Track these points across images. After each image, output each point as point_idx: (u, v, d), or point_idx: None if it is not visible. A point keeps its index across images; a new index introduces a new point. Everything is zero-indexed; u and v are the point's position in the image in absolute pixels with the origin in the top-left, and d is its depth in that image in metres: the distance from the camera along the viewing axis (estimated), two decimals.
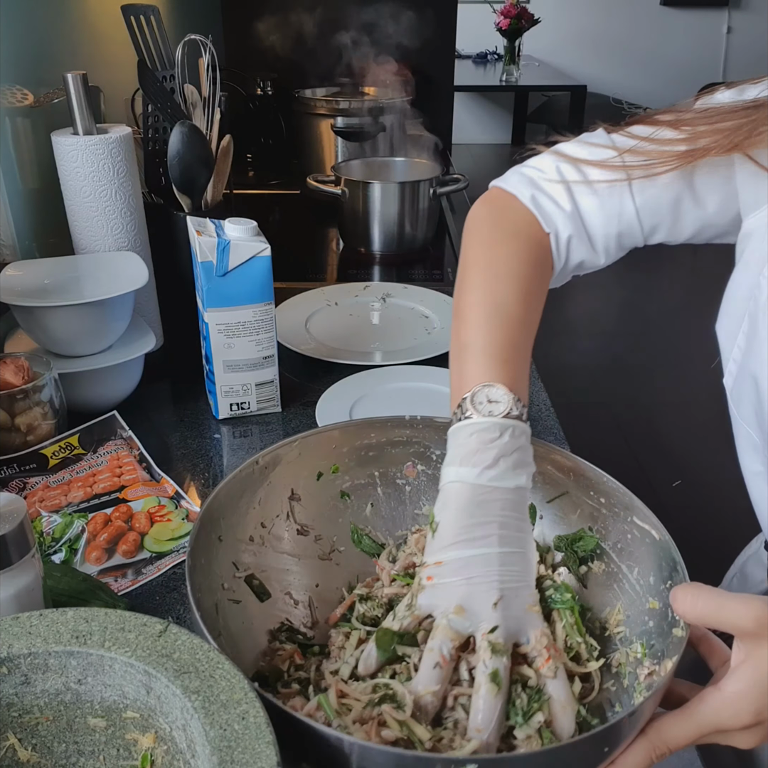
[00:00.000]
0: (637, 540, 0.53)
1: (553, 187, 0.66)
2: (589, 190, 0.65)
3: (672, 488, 2.28)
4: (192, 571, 0.49)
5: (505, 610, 0.47)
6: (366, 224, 1.43)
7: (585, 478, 0.57)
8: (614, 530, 0.55)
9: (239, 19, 2.11)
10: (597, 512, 0.56)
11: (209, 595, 0.51)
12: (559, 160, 0.67)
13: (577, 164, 0.66)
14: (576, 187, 0.66)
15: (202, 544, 0.52)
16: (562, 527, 0.58)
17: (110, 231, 0.92)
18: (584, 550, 0.56)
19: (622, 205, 0.65)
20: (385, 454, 0.64)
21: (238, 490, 0.57)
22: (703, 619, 0.44)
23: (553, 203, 0.66)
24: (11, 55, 0.97)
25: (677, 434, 2.60)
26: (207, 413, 0.91)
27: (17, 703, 0.43)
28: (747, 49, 5.88)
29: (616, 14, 5.88)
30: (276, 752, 0.37)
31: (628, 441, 2.58)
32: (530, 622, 0.48)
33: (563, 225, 0.66)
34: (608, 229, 0.66)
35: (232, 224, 0.81)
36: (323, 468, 0.62)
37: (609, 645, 0.52)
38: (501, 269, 0.62)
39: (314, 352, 1.02)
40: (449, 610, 0.47)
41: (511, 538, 0.49)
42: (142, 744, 0.43)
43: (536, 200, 0.66)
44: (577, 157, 0.66)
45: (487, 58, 5.70)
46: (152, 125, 1.03)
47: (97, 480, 0.75)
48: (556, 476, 0.59)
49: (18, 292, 0.82)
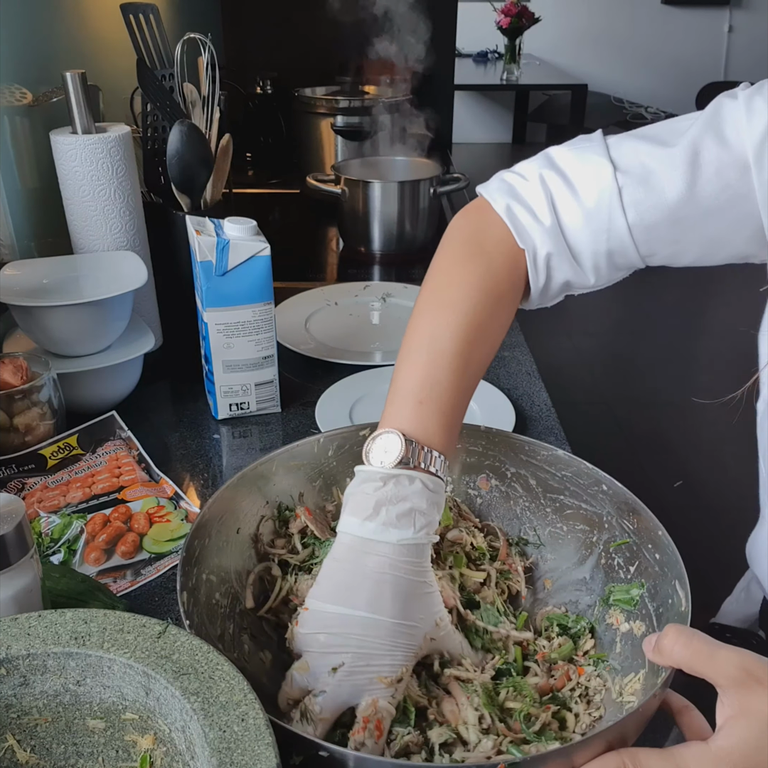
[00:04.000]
0: (674, 607, 0.50)
1: (533, 197, 0.59)
2: (574, 203, 0.58)
3: (673, 488, 2.28)
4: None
5: (343, 677, 0.46)
6: (366, 224, 1.43)
7: (646, 529, 0.55)
8: (661, 592, 0.52)
9: (239, 18, 2.11)
10: (652, 569, 0.54)
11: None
12: (544, 166, 0.60)
13: (563, 172, 0.59)
14: (559, 199, 0.59)
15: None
16: (620, 578, 0.56)
17: (109, 230, 0.91)
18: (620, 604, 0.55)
19: (611, 221, 0.58)
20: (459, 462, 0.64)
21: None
22: (694, 662, 0.42)
23: (531, 216, 0.59)
24: (10, 54, 0.97)
25: (678, 434, 2.59)
26: (206, 413, 0.90)
27: (16, 704, 0.43)
28: (748, 48, 5.87)
29: (617, 13, 5.87)
30: (275, 754, 0.37)
31: (629, 441, 2.57)
32: (372, 691, 0.46)
33: (541, 241, 0.59)
34: (596, 246, 0.59)
35: (232, 223, 0.81)
36: None
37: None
38: (448, 297, 0.57)
39: (314, 352, 1.02)
40: (295, 665, 0.48)
41: (382, 603, 0.47)
42: (141, 745, 0.43)
43: (511, 212, 0.59)
44: (564, 163, 0.60)
45: (488, 56, 5.69)
46: (151, 124, 1.02)
47: (95, 480, 0.75)
48: (621, 522, 0.57)
49: (17, 291, 0.82)
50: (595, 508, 0.59)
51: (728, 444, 2.51)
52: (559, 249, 0.59)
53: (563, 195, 0.58)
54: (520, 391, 0.95)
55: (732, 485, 2.25)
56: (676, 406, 2.75)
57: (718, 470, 2.37)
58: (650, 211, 0.57)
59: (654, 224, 0.58)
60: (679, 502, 2.21)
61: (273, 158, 2.04)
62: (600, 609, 0.56)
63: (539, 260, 0.60)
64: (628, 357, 3.13)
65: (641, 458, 2.47)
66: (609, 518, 0.58)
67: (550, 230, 0.59)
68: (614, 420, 2.69)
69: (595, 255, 0.59)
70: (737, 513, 2.11)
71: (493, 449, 0.63)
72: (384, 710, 0.46)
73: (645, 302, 3.55)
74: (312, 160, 1.83)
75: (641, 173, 0.57)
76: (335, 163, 1.63)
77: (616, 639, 0.54)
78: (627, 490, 0.57)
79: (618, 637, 0.54)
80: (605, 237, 0.58)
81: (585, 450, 0.61)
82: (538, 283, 0.61)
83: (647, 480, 2.33)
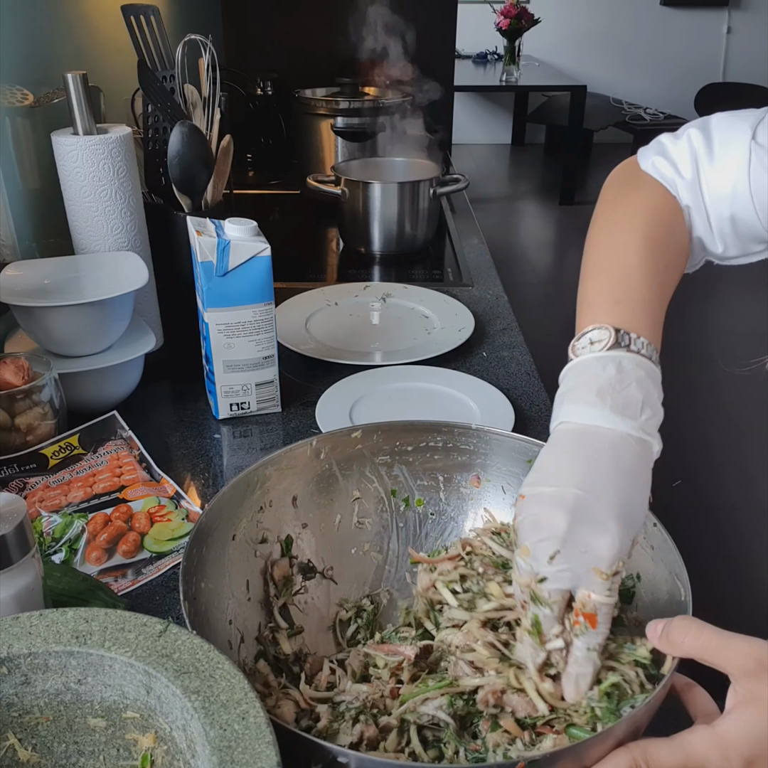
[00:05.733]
0: (672, 597, 0.50)
1: (679, 152, 0.63)
2: (709, 162, 0.61)
3: (672, 488, 2.28)
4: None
5: (560, 564, 0.44)
6: (366, 224, 1.43)
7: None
8: (658, 583, 0.52)
9: (239, 19, 2.11)
10: (646, 561, 0.54)
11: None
12: (696, 126, 0.63)
13: (710, 133, 0.62)
14: (700, 156, 0.62)
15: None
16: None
17: (110, 231, 0.92)
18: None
19: (735, 185, 0.60)
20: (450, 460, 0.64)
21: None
22: (705, 652, 0.43)
23: (673, 169, 0.62)
24: (11, 55, 0.97)
25: (677, 434, 2.60)
26: (207, 413, 0.91)
27: (17, 703, 0.43)
28: (747, 50, 5.87)
29: (616, 14, 5.88)
30: (276, 752, 0.37)
31: None
32: (588, 583, 0.44)
33: (683, 192, 0.62)
34: (721, 210, 0.61)
35: (232, 224, 0.81)
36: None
37: None
38: (629, 209, 0.61)
39: (314, 352, 1.02)
40: (517, 550, 0.46)
41: (595, 484, 0.44)
42: (142, 744, 0.43)
43: (656, 166, 0.63)
44: (714, 125, 0.62)
45: (487, 58, 5.69)
46: (152, 125, 1.03)
47: (97, 480, 0.75)
48: None
49: (18, 292, 0.82)
50: None
51: (728, 443, 2.51)
52: (696, 203, 0.62)
53: (703, 154, 0.61)
54: (519, 391, 0.95)
55: (732, 485, 2.25)
56: (676, 405, 2.76)
57: (717, 470, 2.37)
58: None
59: None
60: (679, 502, 2.22)
61: (273, 159, 2.04)
62: None
63: (683, 209, 0.62)
64: None
65: None
66: None
67: (690, 184, 0.61)
68: None
69: (719, 219, 0.61)
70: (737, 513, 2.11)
71: (484, 447, 0.63)
72: (598, 603, 0.44)
73: None
74: (312, 161, 1.83)
75: None
76: (335, 164, 1.63)
77: None
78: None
79: None
80: (729, 201, 0.60)
81: None
82: (686, 229, 0.63)
83: None
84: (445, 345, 1.03)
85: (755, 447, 2.44)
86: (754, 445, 2.45)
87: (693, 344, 3.13)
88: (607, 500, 0.44)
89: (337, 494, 0.63)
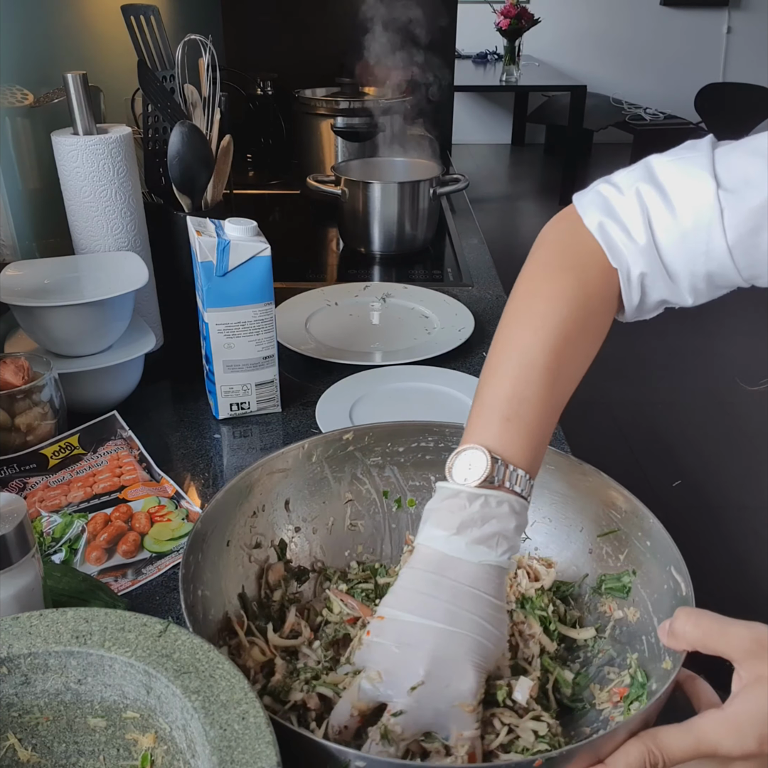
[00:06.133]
0: (673, 592, 0.50)
1: (629, 213, 0.56)
2: (672, 221, 0.55)
3: (672, 488, 2.28)
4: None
5: (423, 698, 0.44)
6: (366, 224, 1.43)
7: (636, 518, 0.55)
8: (655, 578, 0.53)
9: (239, 19, 2.11)
10: (643, 556, 0.55)
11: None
12: (642, 179, 0.56)
13: (662, 187, 0.55)
14: (656, 216, 0.55)
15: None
16: (609, 566, 0.57)
17: (110, 231, 0.92)
18: (612, 592, 0.55)
19: (709, 242, 0.54)
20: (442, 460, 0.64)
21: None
22: (706, 639, 0.43)
23: (624, 234, 0.56)
24: (11, 55, 0.97)
25: (677, 434, 2.60)
26: (207, 413, 0.91)
27: (17, 703, 0.43)
28: (747, 49, 5.88)
29: (616, 14, 5.88)
30: (276, 752, 0.37)
31: (629, 441, 2.58)
32: (456, 720, 0.45)
33: (635, 260, 0.56)
34: (693, 268, 0.56)
35: (232, 224, 0.81)
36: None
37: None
38: (541, 307, 0.55)
39: (314, 352, 1.02)
40: (366, 674, 0.46)
41: (462, 618, 0.46)
42: (142, 744, 0.43)
43: (604, 229, 0.57)
44: (664, 177, 0.56)
45: (487, 58, 5.69)
46: (152, 125, 1.03)
47: (97, 480, 0.75)
48: (609, 512, 0.58)
49: (18, 292, 0.82)
50: (583, 499, 0.59)
51: (727, 443, 2.51)
52: (654, 269, 0.56)
53: (660, 212, 0.55)
54: None
55: (731, 485, 2.25)
56: (676, 406, 2.76)
57: (717, 470, 2.37)
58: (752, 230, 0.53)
59: (755, 245, 0.54)
60: (678, 502, 2.22)
61: (273, 159, 2.04)
62: (591, 597, 0.57)
63: (633, 279, 0.57)
64: (627, 357, 3.13)
65: (640, 458, 2.47)
66: (596, 509, 0.58)
67: (645, 249, 0.56)
68: (614, 420, 2.69)
69: (692, 276, 0.56)
70: (737, 512, 2.11)
71: None
72: (472, 739, 0.45)
73: None
74: (312, 161, 1.83)
75: (746, 191, 0.53)
76: (335, 164, 1.63)
77: (608, 625, 0.55)
78: (613, 480, 0.57)
79: (611, 623, 0.55)
80: (703, 259, 0.55)
81: (584, 450, 0.61)
82: (632, 301, 0.59)
83: (646, 479, 2.34)
84: (445, 345, 1.04)
85: (755, 446, 2.44)
86: (754, 445, 2.45)
87: (690, 346, 3.14)
88: (468, 637, 0.46)
89: (329, 497, 0.63)
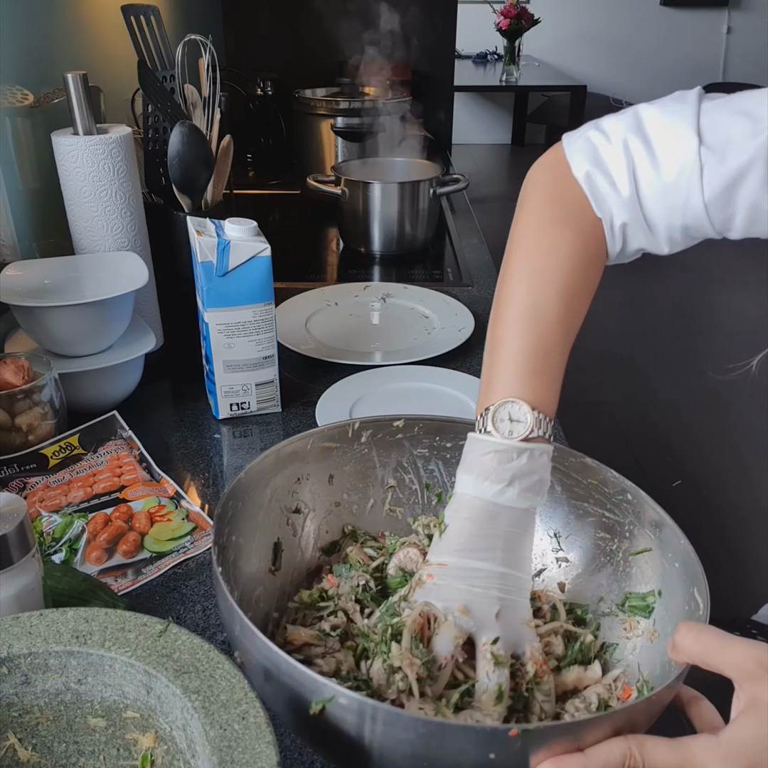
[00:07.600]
0: (691, 613, 0.49)
1: (615, 163, 0.58)
2: (655, 175, 0.57)
3: (672, 488, 2.28)
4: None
5: (504, 623, 0.49)
6: (366, 224, 1.43)
7: (667, 538, 0.54)
8: (679, 599, 0.52)
9: (239, 19, 2.11)
10: (669, 577, 0.53)
11: None
12: (631, 130, 0.58)
13: (648, 139, 0.57)
14: (640, 169, 0.58)
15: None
16: (636, 584, 0.56)
17: (110, 231, 0.92)
18: (634, 610, 0.55)
19: (688, 197, 0.57)
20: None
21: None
22: (705, 655, 0.42)
23: (609, 185, 0.59)
24: (11, 55, 0.97)
25: (677, 434, 2.60)
26: (207, 413, 0.91)
27: (17, 703, 0.43)
28: (747, 50, 5.88)
29: (616, 14, 5.88)
30: (276, 752, 0.37)
31: (628, 441, 2.58)
32: (526, 636, 0.50)
33: (618, 211, 0.59)
34: (671, 221, 0.59)
35: (232, 224, 0.81)
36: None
37: None
38: (545, 262, 0.58)
39: (314, 352, 1.02)
40: (453, 609, 0.48)
41: (512, 556, 0.51)
42: (142, 744, 0.43)
43: (591, 179, 0.59)
44: (651, 128, 0.58)
45: (487, 58, 5.70)
46: (152, 125, 1.03)
47: (97, 480, 0.75)
48: (644, 530, 0.57)
49: (18, 292, 0.82)
50: (618, 517, 0.58)
51: (727, 443, 2.51)
52: (634, 219, 0.59)
53: (645, 166, 0.58)
54: None
55: (731, 484, 2.25)
56: (676, 406, 2.76)
57: (717, 470, 2.37)
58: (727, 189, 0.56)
59: (730, 202, 0.56)
60: (678, 502, 2.22)
61: (273, 159, 2.05)
62: (615, 614, 0.56)
63: (615, 228, 0.60)
64: (627, 357, 3.13)
65: (640, 458, 2.47)
66: (631, 527, 0.57)
67: (628, 201, 0.59)
68: (614, 420, 2.69)
69: (669, 228, 0.60)
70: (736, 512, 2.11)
71: None
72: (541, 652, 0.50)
73: (645, 302, 3.55)
74: (312, 161, 1.83)
75: (726, 150, 0.55)
76: (335, 164, 1.63)
77: (628, 644, 0.54)
78: (651, 500, 0.56)
79: (631, 642, 0.54)
80: (681, 213, 0.58)
81: (584, 450, 0.61)
82: (614, 248, 0.62)
83: (646, 479, 2.33)
84: (445, 345, 1.04)
85: (755, 446, 2.44)
86: (754, 444, 2.45)
87: (690, 347, 3.14)
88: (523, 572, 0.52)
89: (372, 479, 0.64)
